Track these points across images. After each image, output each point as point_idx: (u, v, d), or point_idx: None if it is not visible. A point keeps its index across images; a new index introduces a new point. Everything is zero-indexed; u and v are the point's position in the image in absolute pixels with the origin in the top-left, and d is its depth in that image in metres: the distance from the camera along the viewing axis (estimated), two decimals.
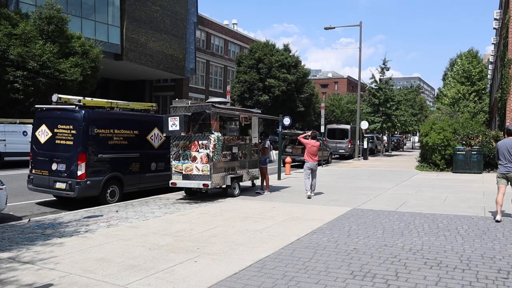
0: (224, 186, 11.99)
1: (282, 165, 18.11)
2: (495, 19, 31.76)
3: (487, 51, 54.48)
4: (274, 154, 14.33)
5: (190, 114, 11.45)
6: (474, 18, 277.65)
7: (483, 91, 46.96)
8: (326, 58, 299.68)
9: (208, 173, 11.23)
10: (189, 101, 12.10)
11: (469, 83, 46.33)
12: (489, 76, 45.21)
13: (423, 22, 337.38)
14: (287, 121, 19.72)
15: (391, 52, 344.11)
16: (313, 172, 12.41)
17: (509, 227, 8.27)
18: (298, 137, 13.64)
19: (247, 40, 53.31)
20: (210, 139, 11.20)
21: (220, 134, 11.51)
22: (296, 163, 23.49)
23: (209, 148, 11.21)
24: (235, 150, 12.42)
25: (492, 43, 40.18)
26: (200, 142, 11.36)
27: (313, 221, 8.69)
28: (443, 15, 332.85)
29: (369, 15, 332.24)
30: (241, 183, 12.77)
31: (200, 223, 8.57)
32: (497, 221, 8.77)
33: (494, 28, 33.94)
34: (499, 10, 30.62)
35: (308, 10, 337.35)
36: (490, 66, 44.51)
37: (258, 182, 13.98)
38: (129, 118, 12.15)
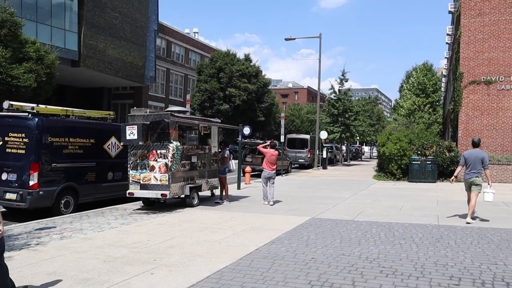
0: (182, 196, 11.84)
1: (242, 175, 18.08)
2: (448, 34, 33.06)
3: (441, 64, 56.50)
4: (233, 163, 14.32)
5: (148, 123, 11.28)
6: (429, 33, 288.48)
7: (437, 103, 48.59)
8: (287, 69, 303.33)
9: (167, 183, 11.07)
10: (148, 110, 11.93)
11: (424, 95, 47.82)
12: (442, 89, 46.88)
13: (382, 35, 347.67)
14: (247, 130, 19.75)
15: (351, 64, 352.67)
16: (270, 181, 12.64)
17: (461, 234, 8.52)
18: (258, 147, 13.76)
19: (208, 49, 53.24)
20: (169, 149, 11.05)
21: (179, 144, 11.38)
22: (256, 173, 23.52)
23: (167, 158, 11.06)
24: (194, 159, 12.31)
25: (445, 57, 41.77)
26: (158, 151, 11.20)
27: (272, 231, 8.69)
28: (401, 29, 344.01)
29: (329, 27, 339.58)
30: (200, 193, 12.68)
31: (157, 234, 8.40)
32: (469, 222, 9.77)
33: (447, 43, 35.29)
34: (451, 26, 31.89)
35: (270, 21, 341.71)
36: (443, 79, 46.19)
37: (217, 191, 13.88)
38: (85, 127, 11.84)
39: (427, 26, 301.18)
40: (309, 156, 32.84)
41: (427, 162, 20.59)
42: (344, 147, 44.01)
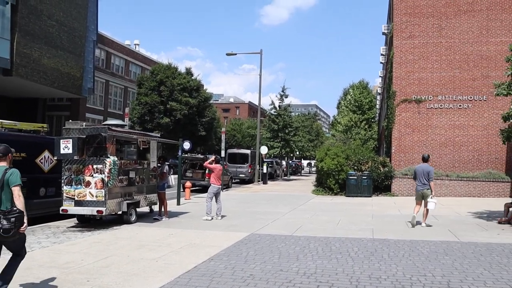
0: (120, 212, 11.51)
1: (182, 190, 17.88)
2: (382, 54, 34.59)
3: (376, 82, 58.98)
4: (172, 179, 14.14)
5: (84, 136, 10.92)
6: (365, 52, 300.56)
7: (372, 120, 50.59)
8: (229, 83, 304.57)
9: (103, 199, 10.73)
10: (84, 123, 11.58)
11: (360, 112, 49.67)
12: (377, 106, 48.83)
13: (321, 53, 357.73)
14: (187, 145, 19.58)
15: (291, 80, 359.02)
16: (218, 196, 12.84)
17: (394, 247, 8.85)
18: (204, 164, 13.78)
19: (149, 62, 52.51)
20: (106, 163, 10.74)
21: (116, 158, 11.10)
22: (197, 188, 23.37)
23: (104, 173, 10.74)
24: (132, 174, 12.04)
25: (380, 76, 43.59)
26: (94, 166, 10.86)
27: (211, 248, 8.63)
28: (340, 47, 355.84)
29: (271, 43, 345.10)
30: (138, 209, 12.39)
31: (92, 252, 8.10)
32: (413, 226, 11.36)
33: (381, 63, 36.89)
34: (385, 47, 33.41)
35: (213, 35, 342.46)
36: (378, 97, 48.14)
37: (156, 207, 13.63)
38: (15, 139, 11.24)
39: (364, 45, 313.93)
40: (249, 171, 33.02)
41: (363, 177, 21.29)
42: (284, 162, 44.61)
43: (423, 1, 22.94)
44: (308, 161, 69.22)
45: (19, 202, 5.00)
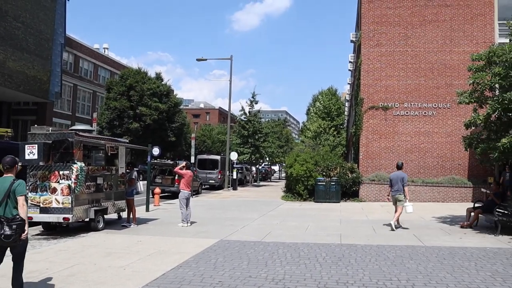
0: (87, 219, 11.34)
1: (151, 196, 17.71)
2: (350, 62, 35.18)
3: (345, 89, 59.86)
4: (141, 185, 14.03)
5: (50, 142, 10.72)
6: (334, 59, 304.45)
7: (341, 126, 51.32)
8: (199, 89, 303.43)
9: (69, 206, 10.55)
10: (50, 128, 11.37)
11: (329, 118, 50.34)
12: (346, 113, 49.58)
13: (291, 60, 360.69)
14: (156, 151, 19.42)
15: (262, 86, 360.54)
16: (187, 202, 12.80)
17: (361, 252, 9.01)
18: (175, 170, 13.71)
19: (118, 66, 51.83)
20: (72, 169, 10.57)
21: (83, 164, 10.93)
22: (166, 194, 23.18)
23: (71, 179, 10.57)
24: (100, 181, 11.87)
25: (348, 83, 44.31)
26: (61, 172, 10.67)
27: (180, 255, 8.60)
28: (309, 54, 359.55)
29: (242, 49, 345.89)
30: (106, 216, 12.22)
31: (57, 261, 7.95)
32: (393, 230, 12.11)
33: (350, 70, 37.49)
34: (353, 55, 34.01)
35: (184, 40, 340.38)
36: (347, 104, 48.89)
37: (124, 214, 13.46)
38: None
39: (333, 53, 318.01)
40: (219, 177, 32.95)
41: (332, 183, 21.56)
42: (254, 168, 44.73)
43: (390, 11, 23.49)
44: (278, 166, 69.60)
45: (23, 211, 5.35)
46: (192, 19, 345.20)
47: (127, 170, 13.35)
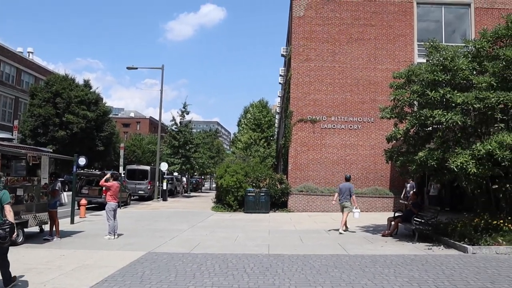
0: None
1: (76, 208, 17.06)
2: (281, 75, 36.06)
3: (275, 102, 61.12)
4: (65, 196, 13.48)
5: None
6: (266, 71, 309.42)
7: (271, 138, 52.21)
8: (130, 97, 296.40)
9: None
10: None
11: (260, 130, 51.06)
12: (276, 125, 50.56)
13: (223, 71, 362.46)
14: (82, 161, 18.80)
15: (194, 96, 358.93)
16: (115, 213, 12.55)
17: (288, 262, 9.22)
18: (101, 182, 13.28)
19: (44, 71, 49.50)
20: None
21: (2, 174, 10.36)
22: (93, 205, 22.43)
23: None
24: (20, 192, 11.28)
25: (279, 96, 45.29)
26: None
27: (106, 268, 8.37)
28: (241, 66, 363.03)
29: (175, 59, 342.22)
30: (26, 229, 11.62)
31: None
32: (340, 233, 13.83)
33: (280, 83, 38.39)
34: (283, 68, 34.89)
35: (115, 48, 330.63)
36: (277, 116, 49.91)
37: (47, 227, 12.87)
38: None
39: (265, 66, 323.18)
40: (149, 187, 32.35)
41: (261, 194, 21.87)
42: (184, 179, 44.34)
43: (319, 27, 24.37)
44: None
45: (10, 216, 6.45)
46: (124, 26, 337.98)
47: (50, 181, 12.81)
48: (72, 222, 15.84)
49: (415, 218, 12.89)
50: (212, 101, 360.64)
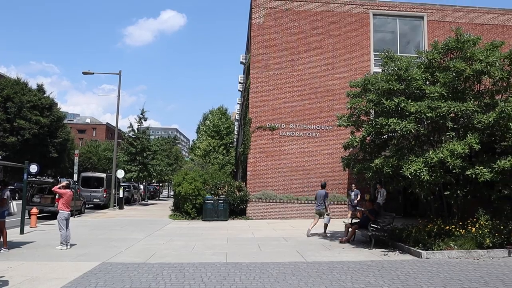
0: None
1: (27, 217, 16.38)
2: (240, 82, 36.10)
3: (235, 109, 61.15)
4: (14, 205, 12.93)
5: None
6: (225, 79, 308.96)
7: (230, 145, 52.16)
8: (87, 103, 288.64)
9: None
10: None
11: (219, 137, 50.95)
12: (235, 132, 50.53)
13: (181, 77, 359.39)
14: (33, 168, 18.09)
15: (152, 103, 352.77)
16: (67, 222, 12.18)
17: (246, 270, 9.15)
18: (53, 189, 12.83)
19: None
20: None
21: None
22: (45, 214, 21.67)
23: None
24: None
25: (238, 103, 45.33)
26: None
27: (56, 281, 8.05)
28: (200, 73, 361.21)
29: (133, 65, 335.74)
30: None
31: None
32: (308, 236, 14.77)
33: (239, 90, 38.42)
34: (243, 75, 34.94)
35: (71, 52, 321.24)
36: (236, 123, 49.90)
37: None
38: None
39: (224, 73, 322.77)
40: (105, 195, 31.54)
41: (220, 201, 21.73)
42: (142, 186, 43.58)
43: (278, 36, 24.58)
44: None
45: None
46: (81, 30, 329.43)
47: None
48: (22, 232, 15.17)
49: (371, 225, 13.10)
50: (171, 107, 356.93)
